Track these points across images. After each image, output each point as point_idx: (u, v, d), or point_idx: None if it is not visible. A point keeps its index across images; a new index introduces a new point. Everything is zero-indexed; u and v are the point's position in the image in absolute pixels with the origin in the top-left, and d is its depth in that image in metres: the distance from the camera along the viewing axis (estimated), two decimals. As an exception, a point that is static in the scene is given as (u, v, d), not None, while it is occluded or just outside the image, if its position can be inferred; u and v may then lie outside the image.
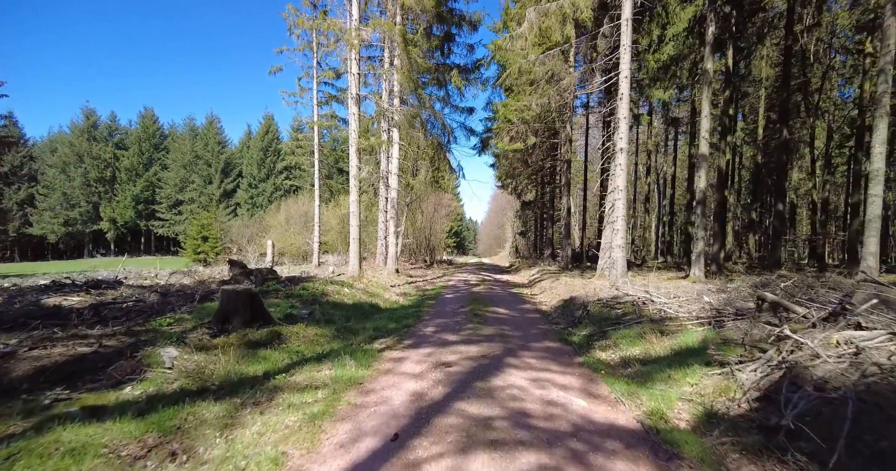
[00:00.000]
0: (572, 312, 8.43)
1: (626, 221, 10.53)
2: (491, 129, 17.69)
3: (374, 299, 9.57)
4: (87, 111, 59.97)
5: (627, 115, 10.36)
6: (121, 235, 61.68)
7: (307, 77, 21.86)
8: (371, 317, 7.58)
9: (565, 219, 17.30)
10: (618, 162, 10.50)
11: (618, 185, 10.47)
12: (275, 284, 8.76)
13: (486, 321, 7.16)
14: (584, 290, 10.36)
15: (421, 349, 5.17)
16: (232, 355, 4.34)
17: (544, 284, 13.45)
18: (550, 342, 6.02)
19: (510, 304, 9.89)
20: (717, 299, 6.69)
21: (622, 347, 5.63)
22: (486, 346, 5.40)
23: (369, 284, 11.40)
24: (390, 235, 15.67)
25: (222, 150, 63.36)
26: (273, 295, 8.01)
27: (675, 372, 4.30)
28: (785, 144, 15.65)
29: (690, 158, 20.71)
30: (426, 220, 29.46)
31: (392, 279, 14.54)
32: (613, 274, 10.42)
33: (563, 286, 11.84)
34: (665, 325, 6.01)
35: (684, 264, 20.18)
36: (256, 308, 5.56)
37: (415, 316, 7.61)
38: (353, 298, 8.92)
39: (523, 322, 7.50)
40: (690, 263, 14.34)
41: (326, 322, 6.54)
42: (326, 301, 8.06)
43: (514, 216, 36.94)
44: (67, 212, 55.84)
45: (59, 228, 55.17)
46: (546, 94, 10.94)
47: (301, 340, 5.39)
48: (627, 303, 7.57)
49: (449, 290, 12.90)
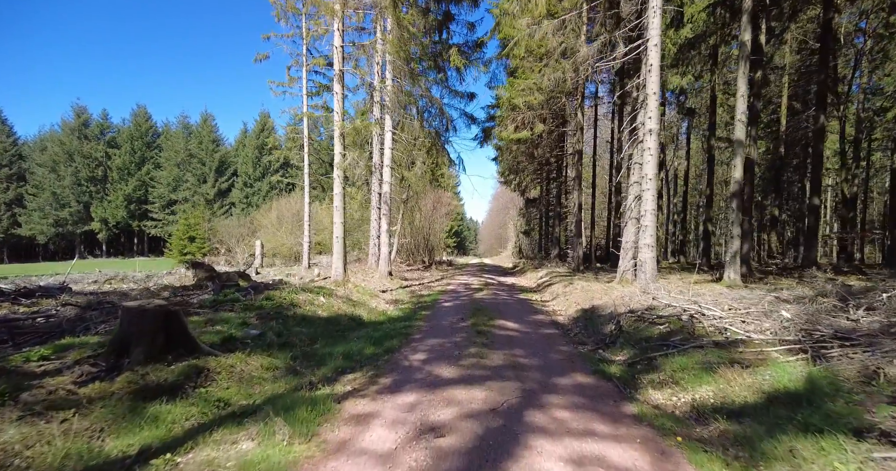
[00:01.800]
0: (598, 327, 6.84)
1: (655, 215, 8.95)
2: (494, 117, 16.11)
3: (357, 310, 7.99)
4: (78, 109, 58.48)
5: (658, 91, 8.77)
6: (113, 235, 60.20)
7: (297, 65, 20.29)
8: (347, 336, 5.99)
9: (576, 216, 15.70)
10: (646, 146, 8.90)
11: (646, 173, 8.88)
12: (233, 293, 7.18)
13: (492, 342, 5.57)
14: (606, 297, 8.77)
15: (402, 395, 3.58)
16: (99, 415, 2.75)
17: (555, 288, 11.86)
18: (582, 375, 4.43)
19: (519, 314, 8.30)
20: (795, 313, 5.09)
21: (684, 384, 4.04)
22: (495, 387, 3.81)
23: (354, 291, 9.82)
24: (383, 233, 14.09)
25: (217, 148, 61.83)
26: (226, 307, 6.43)
27: (799, 442, 2.71)
28: (821, 133, 14.04)
29: (709, 150, 19.10)
30: (424, 218, 27.87)
31: (384, 283, 12.96)
32: (642, 278, 8.83)
33: (578, 292, 10.25)
34: (737, 351, 4.42)
35: (703, 265, 18.59)
36: (175, 332, 3.98)
37: (402, 334, 6.02)
38: (329, 310, 7.34)
39: (539, 342, 5.91)
40: (723, 264, 12.74)
41: (282, 347, 4.96)
42: (293, 315, 6.48)
43: (517, 215, 35.35)
44: (57, 212, 54.34)
45: (49, 228, 53.69)
46: (560, 67, 9.36)
47: (233, 380, 3.81)
48: (672, 317, 5.98)
49: (448, 296, 11.32)
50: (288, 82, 20.67)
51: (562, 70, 9.22)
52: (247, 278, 10.17)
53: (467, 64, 13.37)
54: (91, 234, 58.85)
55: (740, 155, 10.64)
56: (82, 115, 58.46)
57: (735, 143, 10.76)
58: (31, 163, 55.88)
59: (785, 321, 4.86)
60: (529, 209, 28.68)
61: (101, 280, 12.92)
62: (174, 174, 59.18)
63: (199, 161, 60.19)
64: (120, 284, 11.48)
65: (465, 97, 15.11)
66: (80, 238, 58.80)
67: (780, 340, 4.39)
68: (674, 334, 5.48)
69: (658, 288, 8.23)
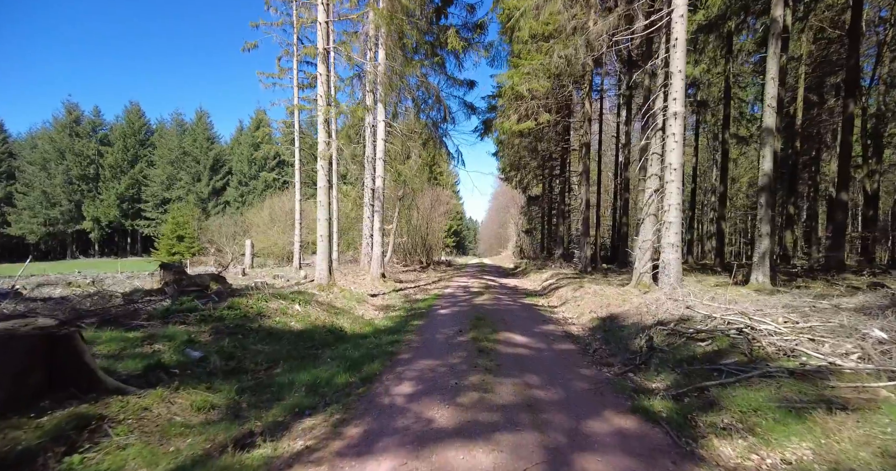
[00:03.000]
0: (622, 342, 5.75)
1: (681, 211, 7.86)
2: (495, 107, 15.00)
3: (340, 319, 6.89)
4: (70, 106, 57.27)
5: (683, 68, 7.68)
6: (106, 235, 59.03)
7: (287, 55, 19.18)
8: (319, 356, 4.90)
9: (583, 213, 14.62)
10: (669, 132, 7.81)
11: (670, 162, 7.79)
12: (191, 301, 6.08)
13: (499, 366, 4.48)
14: (625, 303, 7.70)
15: (373, 462, 2.49)
16: None
17: (564, 292, 10.77)
18: (619, 415, 3.34)
19: (527, 324, 7.22)
20: (891, 332, 3.99)
21: (764, 433, 2.95)
22: (506, 443, 2.72)
23: (340, 295, 8.73)
24: (375, 232, 13.00)
25: (211, 146, 60.67)
26: (177, 319, 5.33)
27: None
28: (850, 122, 12.97)
29: (723, 144, 18.03)
30: (422, 217, 26.79)
31: (375, 286, 11.88)
32: (665, 282, 7.74)
33: (591, 297, 9.17)
34: (825, 385, 3.34)
35: (716, 266, 17.53)
36: (64, 365, 2.89)
37: (387, 353, 4.93)
38: (304, 320, 6.24)
39: (556, 363, 4.82)
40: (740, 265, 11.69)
41: (230, 374, 3.87)
42: (257, 328, 5.38)
43: (518, 213, 34.25)
44: (48, 211, 53.16)
45: (39, 228, 52.50)
46: (572, 42, 8.26)
47: (141, 432, 2.71)
48: (716, 332, 4.89)
49: (445, 301, 10.23)
50: (278, 74, 19.58)
51: (573, 46, 8.14)
52: (221, 281, 9.07)
53: (466, 46, 12.27)
54: (83, 233, 57.65)
55: (769, 145, 9.57)
56: (74, 113, 57.24)
57: (763, 131, 9.68)
58: (21, 161, 54.65)
59: (877, 343, 3.77)
60: (531, 207, 27.60)
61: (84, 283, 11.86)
62: (168, 172, 58.02)
63: (193, 159, 59.05)
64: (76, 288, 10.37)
65: (465, 85, 14.02)
66: (71, 238, 57.64)
67: (885, 372, 3.31)
68: (724, 355, 4.40)
69: (686, 294, 7.16)
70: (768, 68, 9.51)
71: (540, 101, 13.53)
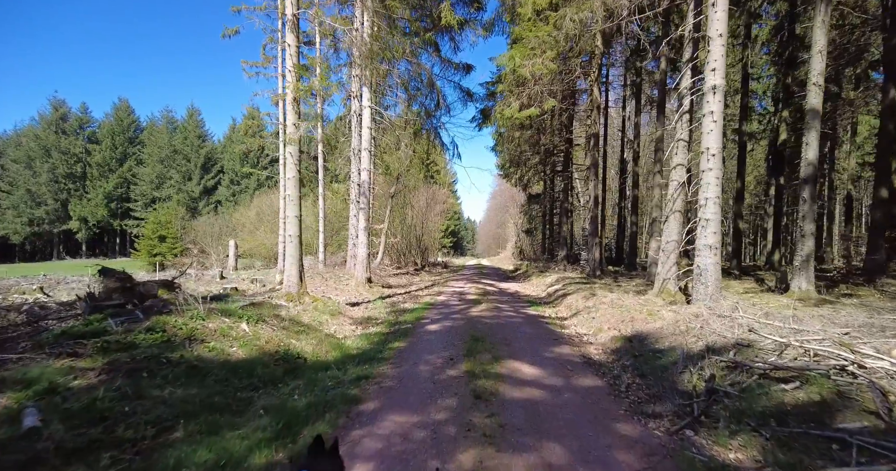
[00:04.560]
0: (663, 374, 4.35)
1: (720, 205, 6.47)
2: (494, 94, 13.61)
3: (300, 341, 5.48)
4: (56, 102, 55.56)
5: (725, 32, 6.31)
6: (94, 235, 57.36)
7: (272, 43, 17.68)
8: (252, 405, 3.49)
9: (592, 211, 13.23)
10: (708, 109, 6.43)
11: (708, 146, 6.40)
12: (100, 321, 4.67)
13: (503, 429, 3.07)
14: (654, 319, 6.31)
15: None
16: None
17: (573, 301, 9.38)
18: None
19: (535, 346, 5.82)
20: None
21: None
22: None
23: (310, 307, 7.32)
24: (361, 232, 11.59)
25: (203, 144, 59.08)
26: (66, 349, 3.92)
27: None
28: (890, 110, 11.62)
29: (741, 136, 16.68)
30: (417, 216, 25.40)
31: (360, 293, 10.48)
32: (701, 292, 6.36)
33: (607, 308, 7.79)
34: None
35: (733, 269, 16.18)
36: None
37: (344, 402, 3.52)
38: (250, 345, 4.83)
39: (583, 415, 3.43)
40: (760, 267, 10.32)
41: (76, 455, 2.45)
42: (178, 360, 3.98)
43: (518, 212, 32.86)
44: (32, 210, 51.50)
45: (23, 227, 50.82)
46: (587, 5, 6.88)
47: None
48: (807, 371, 3.50)
49: (436, 312, 8.83)
50: (262, 62, 18.10)
51: (589, 8, 6.77)
52: (171, 288, 7.64)
53: (463, 23, 10.89)
54: (70, 233, 55.99)
55: (815, 129, 8.21)
56: (60, 109, 55.58)
57: (808, 114, 8.32)
58: (5, 159, 52.96)
59: None
60: (532, 206, 26.21)
61: (30, 289, 10.46)
62: (158, 171, 56.41)
63: (184, 157, 57.47)
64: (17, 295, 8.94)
65: (461, 70, 12.64)
66: (58, 238, 55.98)
67: None
68: (834, 412, 3.01)
69: (733, 307, 5.78)
70: (815, 40, 8.15)
71: (544, 86, 12.15)
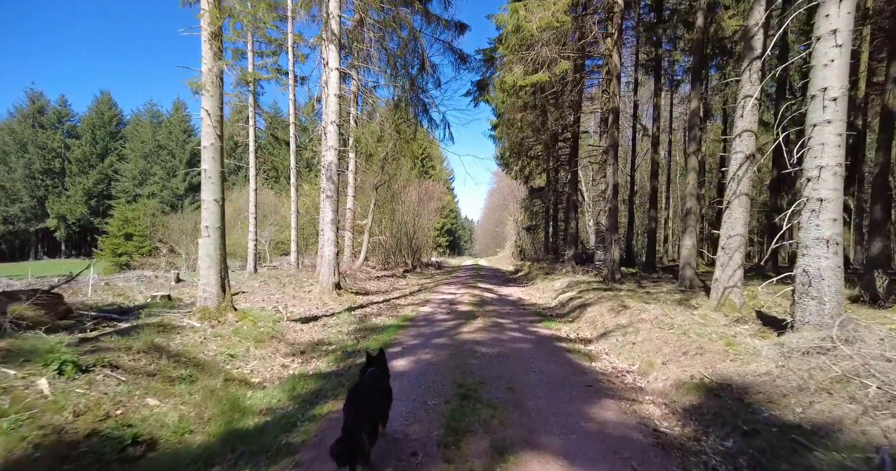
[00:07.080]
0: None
1: (842, 176, 4.24)
2: (493, 60, 11.37)
3: (169, 400, 3.22)
4: (33, 95, 52.99)
5: None
6: (73, 233, 54.83)
7: (241, 15, 15.46)
8: None
9: (610, 202, 11.00)
10: (827, 29, 4.17)
11: (826, 85, 4.14)
12: None
13: None
14: (732, 350, 4.09)
15: None
16: None
17: (596, 314, 7.11)
18: None
19: (561, 404, 3.58)
20: None
21: None
22: None
23: (229, 330, 5.06)
24: (326, 226, 9.33)
25: (189, 139, 56.53)
26: None
27: None
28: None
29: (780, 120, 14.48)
30: (409, 212, 23.13)
31: (323, 302, 8.22)
32: (814, 311, 4.13)
33: (650, 327, 5.53)
34: None
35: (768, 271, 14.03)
36: None
37: None
38: (41, 421, 2.56)
39: None
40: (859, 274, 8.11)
41: None
42: None
43: (518, 208, 30.62)
44: (6, 208, 49.01)
45: (-4, 226, 48.33)
46: None
47: None
48: None
49: (415, 331, 6.58)
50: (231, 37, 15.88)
51: None
52: (49, 306, 5.36)
53: (454, -38, 8.62)
54: (47, 232, 53.45)
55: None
56: (37, 102, 53.04)
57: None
58: (-22, 154, 50.43)
59: None
60: (534, 201, 23.98)
61: None
62: (140, 167, 53.93)
63: (168, 153, 55.02)
64: None
65: (453, 28, 10.39)
66: (35, 236, 53.45)
67: None
68: None
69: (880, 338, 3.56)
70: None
71: (553, 49, 9.91)
